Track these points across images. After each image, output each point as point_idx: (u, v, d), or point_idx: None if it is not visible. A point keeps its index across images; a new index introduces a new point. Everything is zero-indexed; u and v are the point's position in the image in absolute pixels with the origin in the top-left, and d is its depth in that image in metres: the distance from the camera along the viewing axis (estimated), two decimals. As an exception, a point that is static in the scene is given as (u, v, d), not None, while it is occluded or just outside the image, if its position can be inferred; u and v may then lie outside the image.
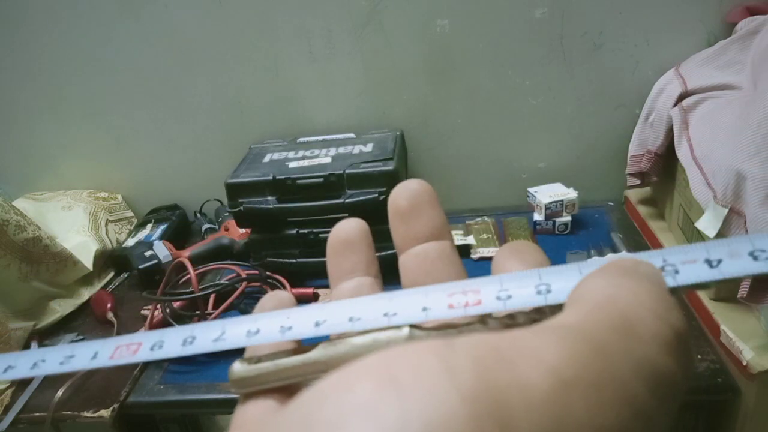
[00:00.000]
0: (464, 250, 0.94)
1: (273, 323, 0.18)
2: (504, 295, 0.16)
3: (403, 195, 0.21)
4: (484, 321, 0.17)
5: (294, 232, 0.91)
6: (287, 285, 0.88)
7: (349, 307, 0.18)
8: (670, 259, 0.15)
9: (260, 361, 0.18)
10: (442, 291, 0.17)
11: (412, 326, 0.17)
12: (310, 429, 0.11)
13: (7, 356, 0.19)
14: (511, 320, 0.16)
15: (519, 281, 0.16)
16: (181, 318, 0.83)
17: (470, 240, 0.96)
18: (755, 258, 0.14)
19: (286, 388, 0.18)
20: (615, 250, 0.88)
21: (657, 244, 0.89)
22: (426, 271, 0.21)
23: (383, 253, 0.21)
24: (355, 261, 0.22)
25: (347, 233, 0.22)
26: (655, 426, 0.12)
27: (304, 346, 0.18)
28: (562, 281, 0.16)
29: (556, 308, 0.15)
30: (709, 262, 0.15)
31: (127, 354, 0.18)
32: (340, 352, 0.17)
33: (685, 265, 0.15)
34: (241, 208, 0.89)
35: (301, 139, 1.04)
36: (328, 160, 0.92)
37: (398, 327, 0.17)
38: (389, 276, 0.23)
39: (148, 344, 0.18)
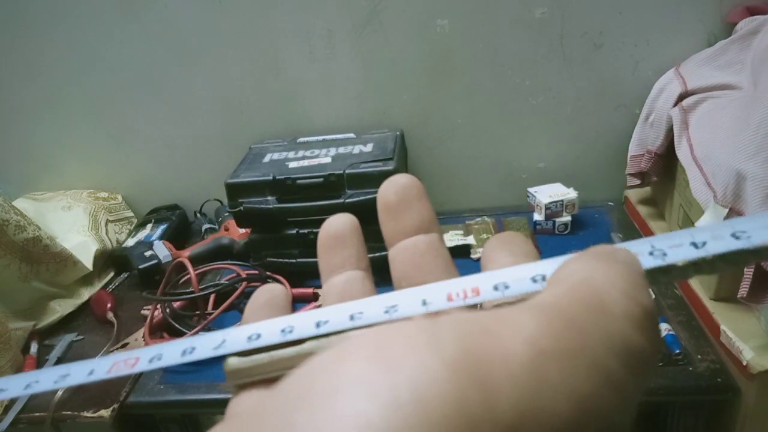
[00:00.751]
0: (464, 250, 0.94)
1: (274, 327, 0.18)
2: (501, 285, 0.17)
3: (391, 189, 0.22)
4: None
5: (294, 232, 0.91)
6: (287, 285, 0.88)
7: (349, 306, 0.18)
8: (657, 244, 0.16)
9: (255, 353, 0.18)
10: (441, 288, 0.17)
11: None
12: (306, 402, 0.12)
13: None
14: None
15: (515, 274, 0.17)
16: (181, 318, 0.83)
17: (470, 240, 0.96)
18: (737, 238, 0.15)
19: (279, 379, 0.18)
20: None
21: (657, 244, 0.89)
22: (415, 264, 0.21)
23: (383, 253, 0.21)
24: (346, 255, 0.22)
25: (337, 228, 0.22)
26: (626, 396, 0.12)
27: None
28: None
29: None
30: (694, 245, 0.16)
31: (125, 368, 0.18)
32: (334, 343, 0.17)
33: (672, 248, 0.16)
34: (241, 208, 0.89)
35: (301, 139, 1.04)
36: (328, 160, 0.92)
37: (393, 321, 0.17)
38: (387, 276, 0.23)
39: (147, 357, 0.18)
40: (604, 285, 0.14)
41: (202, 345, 0.18)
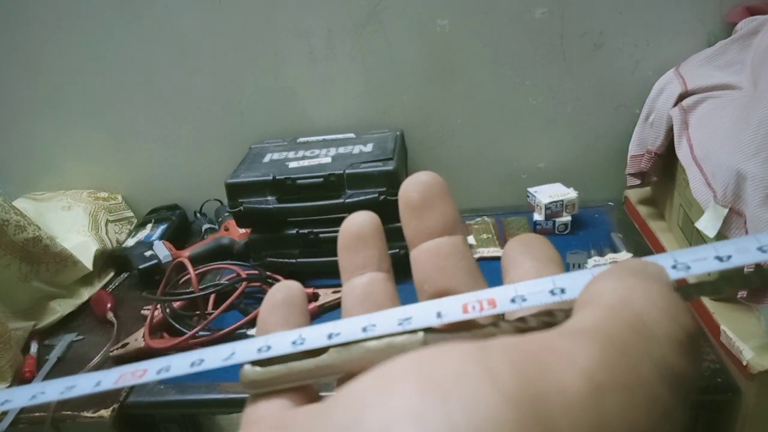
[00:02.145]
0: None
1: (284, 339, 0.18)
2: (519, 298, 0.16)
3: (414, 188, 0.21)
4: (496, 324, 0.17)
5: (294, 232, 0.91)
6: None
7: (362, 318, 0.17)
8: (681, 258, 0.15)
9: (271, 363, 0.17)
10: (456, 300, 0.17)
11: (427, 330, 0.17)
12: None
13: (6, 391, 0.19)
14: (523, 323, 0.16)
15: (532, 287, 0.16)
16: (181, 318, 0.83)
17: (470, 240, 0.96)
18: (764, 251, 0.15)
19: (297, 387, 0.18)
20: (615, 250, 0.88)
21: (657, 244, 0.89)
22: (438, 267, 0.20)
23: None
24: (368, 256, 0.21)
25: (359, 227, 0.21)
26: (677, 425, 0.12)
27: (315, 348, 0.18)
28: (576, 285, 0.16)
29: (568, 312, 0.15)
30: (719, 258, 0.15)
31: (132, 379, 0.18)
32: (354, 356, 0.17)
33: (696, 262, 0.15)
34: (241, 208, 0.89)
35: (301, 139, 1.04)
36: (328, 160, 0.92)
37: (413, 332, 0.17)
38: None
39: (155, 369, 0.18)
40: (644, 306, 0.13)
41: (210, 357, 0.18)
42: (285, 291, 0.20)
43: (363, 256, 0.21)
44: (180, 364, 0.18)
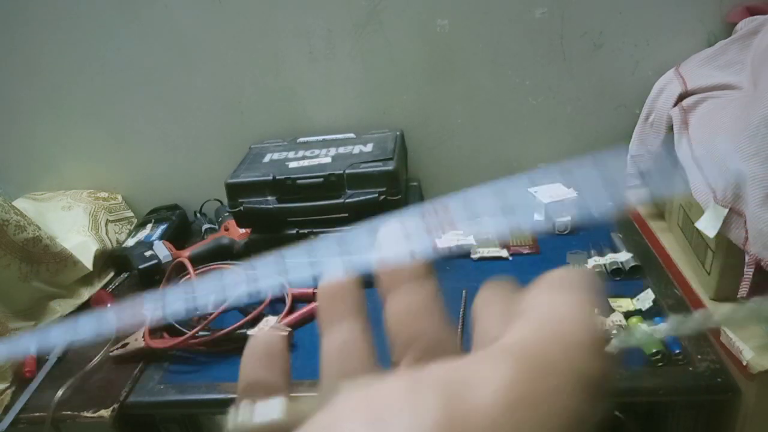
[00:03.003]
0: (464, 251, 0.94)
1: None
2: None
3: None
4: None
5: (294, 232, 0.91)
6: (287, 285, 0.88)
7: None
8: None
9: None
10: None
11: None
12: None
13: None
14: None
15: None
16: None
17: (470, 240, 0.96)
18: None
19: None
20: (615, 250, 0.88)
21: (657, 244, 0.89)
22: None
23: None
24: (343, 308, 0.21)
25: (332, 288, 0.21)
26: (590, 424, 0.13)
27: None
28: None
29: None
30: None
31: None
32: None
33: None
34: (241, 208, 0.89)
35: (301, 139, 1.04)
36: (328, 160, 0.92)
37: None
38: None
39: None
40: (566, 319, 0.15)
41: None
42: (265, 340, 0.21)
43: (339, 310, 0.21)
44: None
